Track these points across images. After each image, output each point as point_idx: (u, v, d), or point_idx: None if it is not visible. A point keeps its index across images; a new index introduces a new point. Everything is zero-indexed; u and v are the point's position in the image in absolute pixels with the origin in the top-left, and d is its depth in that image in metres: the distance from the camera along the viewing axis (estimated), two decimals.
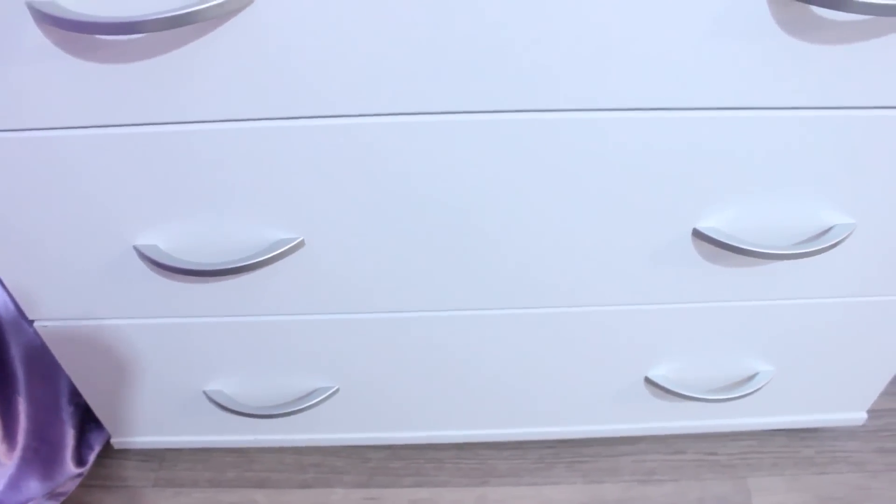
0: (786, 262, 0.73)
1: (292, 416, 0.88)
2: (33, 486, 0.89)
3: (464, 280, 0.73)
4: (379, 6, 0.52)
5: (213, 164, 0.61)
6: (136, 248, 0.68)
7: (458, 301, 0.76)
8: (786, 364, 0.87)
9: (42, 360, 0.86)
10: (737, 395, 0.87)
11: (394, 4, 0.52)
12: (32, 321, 0.78)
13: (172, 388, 0.87)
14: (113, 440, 0.98)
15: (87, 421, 0.96)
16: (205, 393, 0.86)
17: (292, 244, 0.67)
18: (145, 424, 0.94)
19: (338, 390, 0.87)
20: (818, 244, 0.68)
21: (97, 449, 0.97)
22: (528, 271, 0.72)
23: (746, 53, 0.55)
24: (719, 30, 0.53)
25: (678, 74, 0.56)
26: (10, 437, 0.86)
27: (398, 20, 0.52)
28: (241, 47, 0.53)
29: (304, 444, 0.99)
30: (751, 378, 0.88)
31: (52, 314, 0.76)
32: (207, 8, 0.48)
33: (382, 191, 0.64)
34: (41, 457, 0.90)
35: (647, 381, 0.87)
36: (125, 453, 1.02)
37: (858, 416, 0.98)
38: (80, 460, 0.95)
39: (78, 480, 0.95)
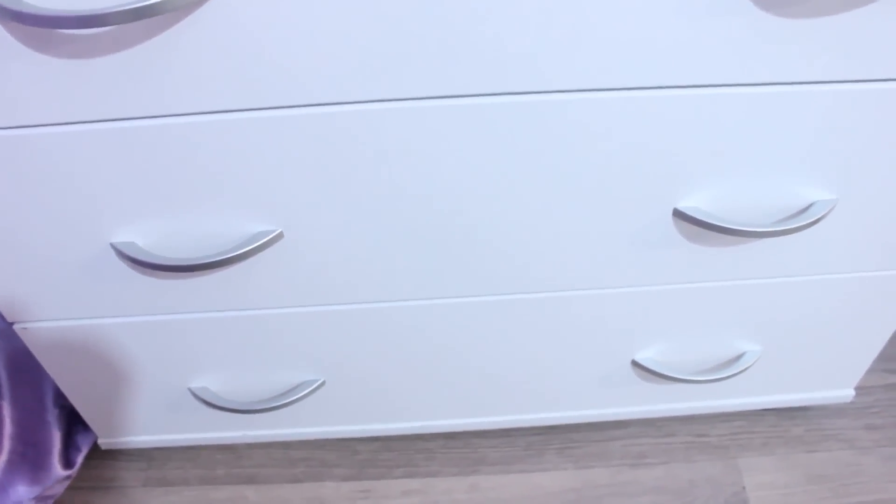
0: (768, 239, 0.73)
1: (279, 411, 0.88)
2: (21, 491, 0.88)
3: (446, 268, 0.73)
4: None
5: (187, 157, 0.61)
6: (113, 246, 0.67)
7: (441, 289, 0.75)
8: (772, 343, 0.87)
9: (25, 363, 0.85)
10: (724, 375, 0.87)
11: None
12: (12, 323, 0.77)
13: (158, 386, 0.87)
14: (100, 441, 0.97)
15: (73, 422, 0.96)
16: (190, 390, 0.86)
17: (271, 236, 0.67)
18: (132, 424, 0.94)
19: (324, 383, 0.86)
20: (800, 221, 0.68)
21: (85, 450, 0.96)
22: (510, 257, 0.72)
23: (720, 30, 0.54)
24: (692, 6, 0.53)
25: (652, 53, 0.56)
26: None
27: (371, 6, 0.52)
28: (212, 37, 0.53)
29: (292, 439, 0.99)
30: (738, 358, 0.88)
31: (31, 316, 0.75)
32: None
33: (360, 179, 0.63)
34: (28, 460, 0.89)
35: (635, 364, 0.87)
36: (113, 454, 1.01)
37: (846, 394, 0.99)
38: (67, 462, 0.94)
39: (66, 483, 0.94)
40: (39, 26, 0.48)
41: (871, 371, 1.08)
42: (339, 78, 0.56)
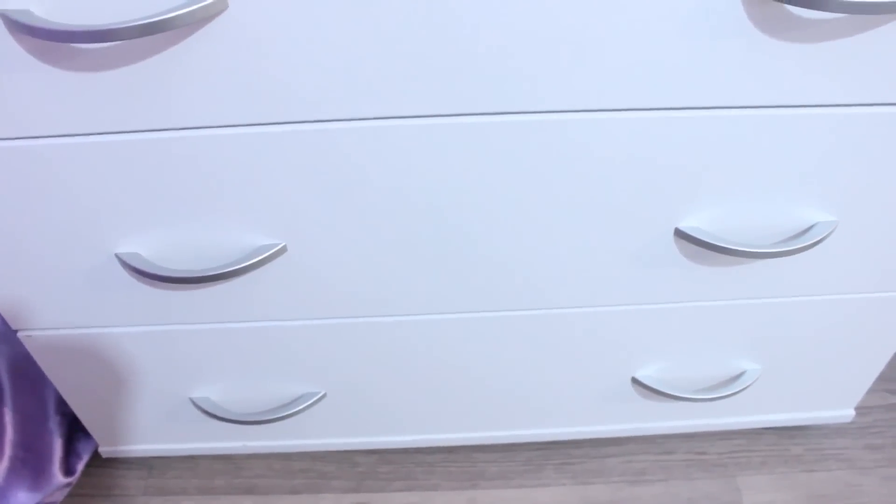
0: (769, 260, 0.73)
1: (279, 422, 0.88)
2: (21, 497, 0.88)
3: (447, 283, 0.73)
4: (356, 11, 0.52)
5: (192, 170, 0.61)
6: (117, 257, 0.68)
7: (443, 304, 0.76)
8: (772, 362, 0.87)
9: (28, 370, 0.86)
10: (724, 394, 0.87)
11: (371, 9, 0.52)
12: (16, 331, 0.77)
13: (159, 395, 0.87)
14: (101, 449, 0.97)
15: (74, 430, 0.96)
16: (191, 400, 0.86)
17: (274, 250, 0.67)
18: (133, 433, 0.94)
19: (324, 395, 0.87)
20: (800, 242, 0.68)
21: (85, 458, 0.97)
22: (511, 274, 0.72)
23: (722, 53, 0.55)
24: (694, 29, 0.53)
25: (654, 75, 0.56)
26: None
27: (376, 25, 0.52)
28: (218, 53, 0.53)
29: (292, 450, 0.99)
30: (738, 377, 0.88)
31: (35, 324, 0.76)
32: (181, 15, 0.48)
33: (363, 195, 0.64)
34: (29, 467, 0.89)
35: (635, 381, 0.87)
36: (114, 462, 1.02)
37: (846, 414, 0.99)
38: (68, 470, 0.94)
39: (66, 490, 0.95)
40: (52, 40, 0.49)
41: (871, 391, 1.08)
42: (345, 95, 0.56)
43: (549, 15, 0.52)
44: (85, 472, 0.99)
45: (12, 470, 0.87)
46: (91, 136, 0.59)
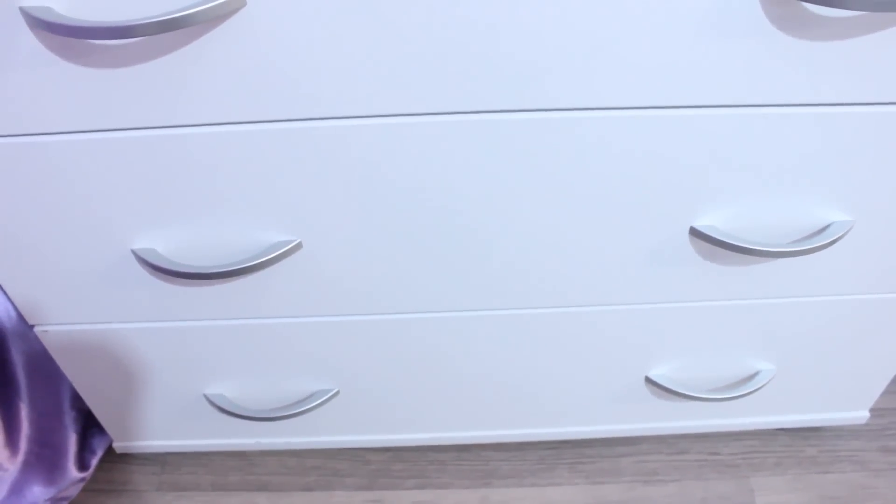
0: (784, 259, 0.72)
1: (293, 419, 0.88)
2: (36, 491, 0.89)
3: (461, 281, 0.73)
4: (370, 10, 0.52)
5: (208, 167, 0.62)
6: (134, 252, 0.68)
7: (457, 302, 0.76)
8: (787, 363, 0.87)
9: (44, 366, 0.86)
10: (738, 394, 0.87)
11: (387, 7, 0.52)
12: (32, 326, 0.78)
13: (174, 391, 0.87)
14: (115, 444, 0.98)
15: (89, 425, 0.97)
16: (205, 396, 0.86)
17: (290, 246, 0.67)
18: (147, 428, 0.94)
19: (338, 393, 0.87)
20: (816, 242, 0.68)
21: (100, 453, 0.97)
22: (525, 272, 0.72)
23: (740, 51, 0.55)
24: (712, 27, 0.53)
25: (670, 72, 0.56)
26: (13, 443, 0.86)
27: (391, 23, 0.52)
28: (234, 50, 0.54)
29: (305, 447, 0.99)
30: (752, 377, 0.88)
31: (51, 319, 0.76)
32: (199, 11, 0.49)
33: (377, 192, 0.64)
34: (44, 462, 0.90)
35: (648, 380, 0.87)
36: (128, 457, 1.02)
37: (861, 415, 0.98)
38: (82, 465, 0.95)
39: (81, 485, 0.95)
40: (71, 37, 0.49)
41: (886, 393, 1.07)
42: (360, 92, 0.57)
43: (564, 13, 0.52)
44: (99, 468, 0.99)
45: (28, 464, 0.88)
46: (108, 133, 0.59)
